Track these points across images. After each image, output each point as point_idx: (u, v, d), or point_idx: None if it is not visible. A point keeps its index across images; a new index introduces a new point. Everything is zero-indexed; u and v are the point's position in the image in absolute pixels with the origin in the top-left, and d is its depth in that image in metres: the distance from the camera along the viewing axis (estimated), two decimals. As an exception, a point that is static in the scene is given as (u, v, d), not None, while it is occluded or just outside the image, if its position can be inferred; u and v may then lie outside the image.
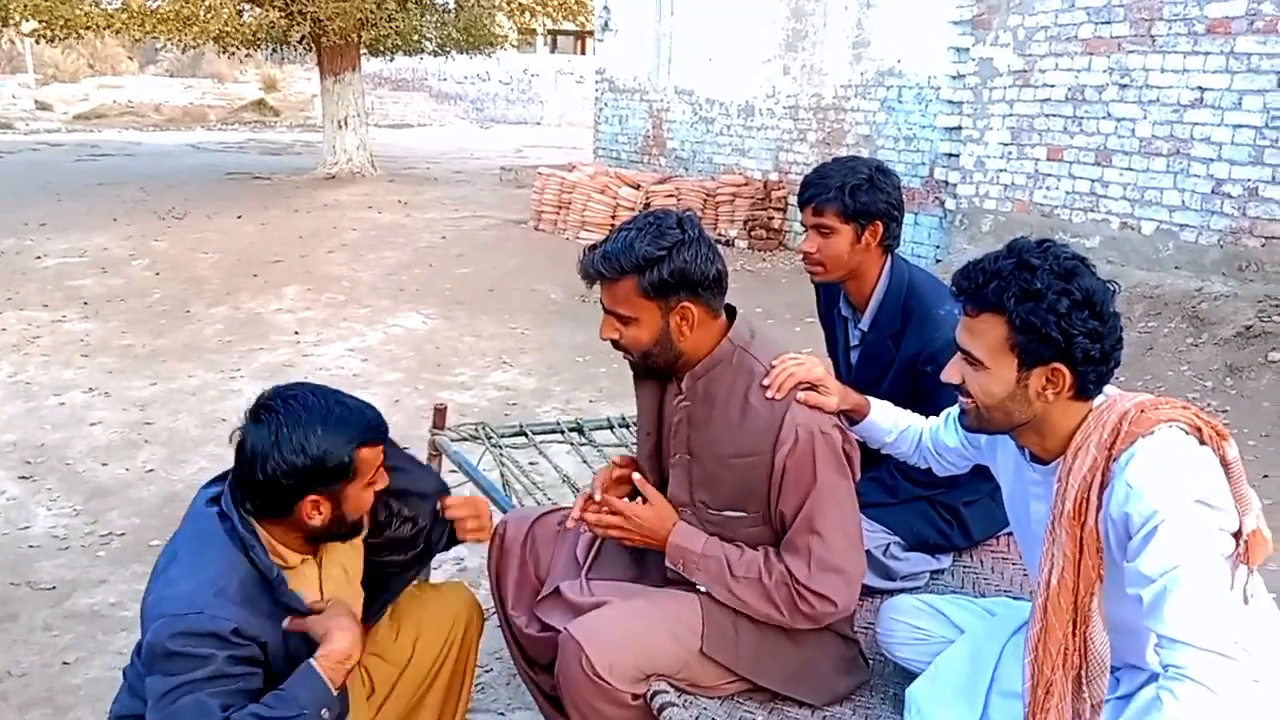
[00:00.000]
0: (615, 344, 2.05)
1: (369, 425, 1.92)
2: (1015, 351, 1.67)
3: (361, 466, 1.90)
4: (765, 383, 1.99)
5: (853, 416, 2.18)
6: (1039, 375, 1.67)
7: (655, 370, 2.10)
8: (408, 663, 2.30)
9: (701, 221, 2.07)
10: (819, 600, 1.97)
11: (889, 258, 2.58)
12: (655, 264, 1.93)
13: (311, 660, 1.86)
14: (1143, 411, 1.66)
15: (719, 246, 2.05)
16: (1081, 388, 1.68)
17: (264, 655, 1.87)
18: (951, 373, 1.77)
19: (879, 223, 2.51)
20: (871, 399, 2.23)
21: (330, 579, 2.04)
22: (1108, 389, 1.73)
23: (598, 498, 2.13)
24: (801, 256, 2.62)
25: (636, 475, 2.14)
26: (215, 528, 1.90)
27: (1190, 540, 1.55)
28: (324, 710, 1.84)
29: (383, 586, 2.23)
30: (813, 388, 2.01)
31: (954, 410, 2.14)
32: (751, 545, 2.05)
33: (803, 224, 2.58)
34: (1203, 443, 1.64)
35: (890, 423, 2.21)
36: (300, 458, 1.83)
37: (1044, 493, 1.78)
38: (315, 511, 1.89)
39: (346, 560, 2.09)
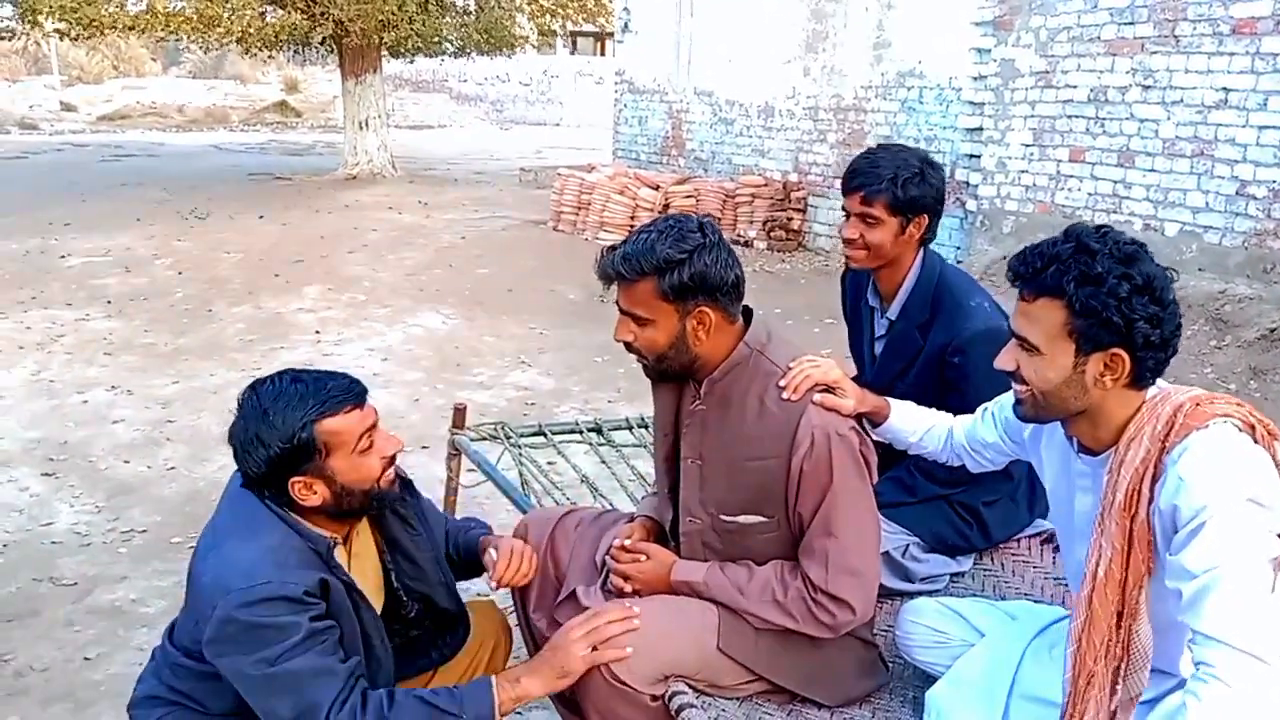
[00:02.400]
0: (629, 346, 2.04)
1: (327, 396, 1.85)
2: (1073, 337, 1.64)
3: (331, 438, 1.84)
4: (781, 384, 1.98)
5: (873, 419, 2.16)
6: (1097, 361, 1.64)
7: (670, 374, 2.09)
8: (430, 680, 2.28)
9: (720, 224, 2.07)
10: (837, 606, 1.96)
11: (922, 249, 2.57)
12: (676, 267, 1.92)
13: (494, 678, 1.90)
14: (1198, 405, 1.63)
15: (737, 248, 2.04)
16: (1139, 375, 1.65)
17: (331, 616, 1.86)
18: (1006, 360, 1.74)
19: (925, 216, 2.50)
20: (892, 401, 2.21)
21: (356, 569, 2.03)
22: (1160, 382, 1.70)
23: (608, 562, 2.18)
24: (841, 241, 2.59)
25: (628, 540, 2.18)
26: (258, 506, 1.89)
27: (1237, 539, 1.53)
28: None
29: (421, 653, 2.21)
30: (830, 390, 1.99)
31: (991, 406, 2.13)
32: (766, 553, 2.04)
33: (845, 209, 2.54)
34: (1256, 441, 1.61)
35: (913, 424, 2.20)
36: (262, 449, 1.82)
37: (1091, 485, 1.75)
38: (308, 492, 1.86)
39: (370, 556, 2.08)
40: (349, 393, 1.88)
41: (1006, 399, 2.07)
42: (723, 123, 12.06)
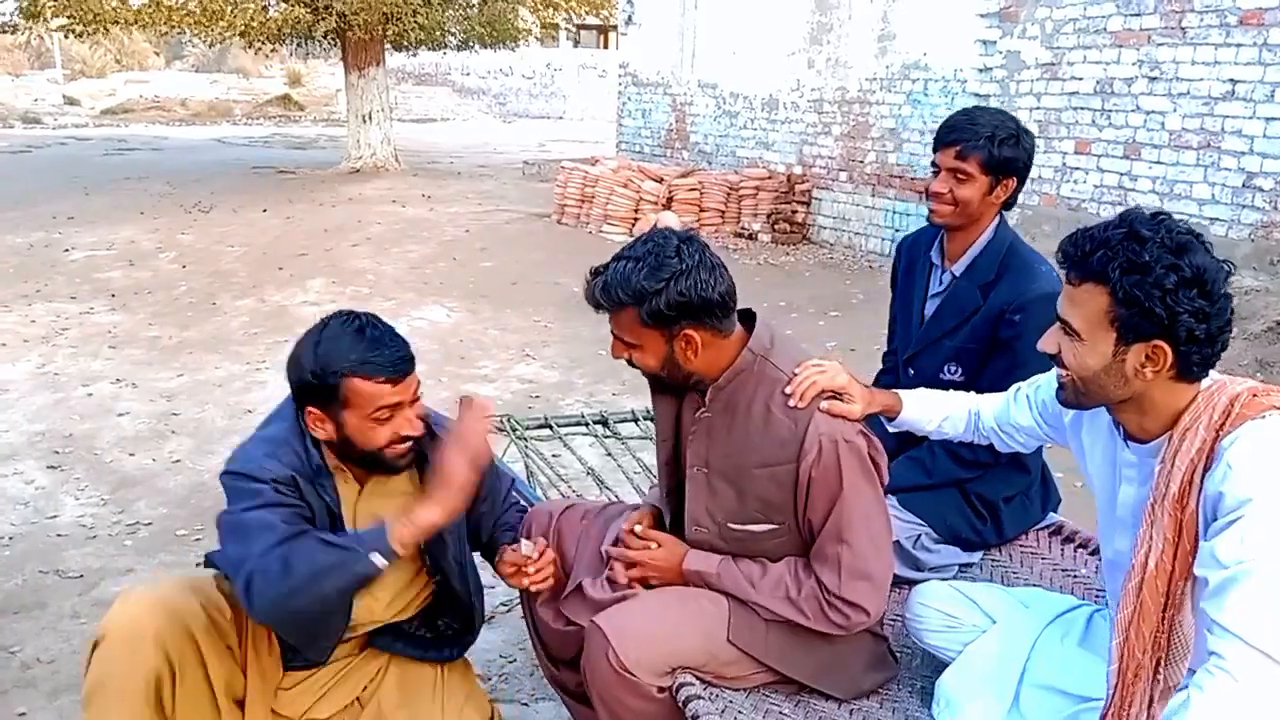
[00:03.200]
0: (629, 362, 2.05)
1: (369, 360, 1.93)
2: (1115, 325, 1.60)
3: (353, 397, 1.94)
4: (787, 391, 1.97)
5: (886, 415, 2.15)
6: (1138, 352, 1.60)
7: (672, 387, 2.09)
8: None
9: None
10: (851, 609, 1.95)
11: (999, 215, 2.57)
12: (653, 296, 1.89)
13: (389, 521, 1.96)
14: (1255, 396, 1.60)
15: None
16: (1184, 368, 1.60)
17: (305, 511, 2.00)
18: (1048, 342, 1.71)
19: (1013, 179, 2.50)
20: (903, 394, 2.19)
21: (368, 507, 2.10)
22: (1213, 373, 1.67)
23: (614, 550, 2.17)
24: (926, 195, 2.58)
25: (638, 526, 2.16)
26: (289, 409, 2.06)
27: (1275, 535, 1.50)
28: (376, 555, 1.92)
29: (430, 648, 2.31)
30: (836, 396, 1.98)
31: (1025, 387, 2.11)
32: (776, 556, 2.03)
33: (934, 163, 2.54)
34: None
35: (929, 413, 2.18)
36: (297, 370, 1.98)
37: (1137, 475, 1.73)
38: (318, 424, 1.99)
39: (394, 504, 2.10)
40: (391, 367, 1.96)
41: (1042, 380, 2.06)
42: (727, 115, 12.03)
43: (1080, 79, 7.64)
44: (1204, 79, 6.77)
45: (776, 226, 10.39)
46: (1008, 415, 2.11)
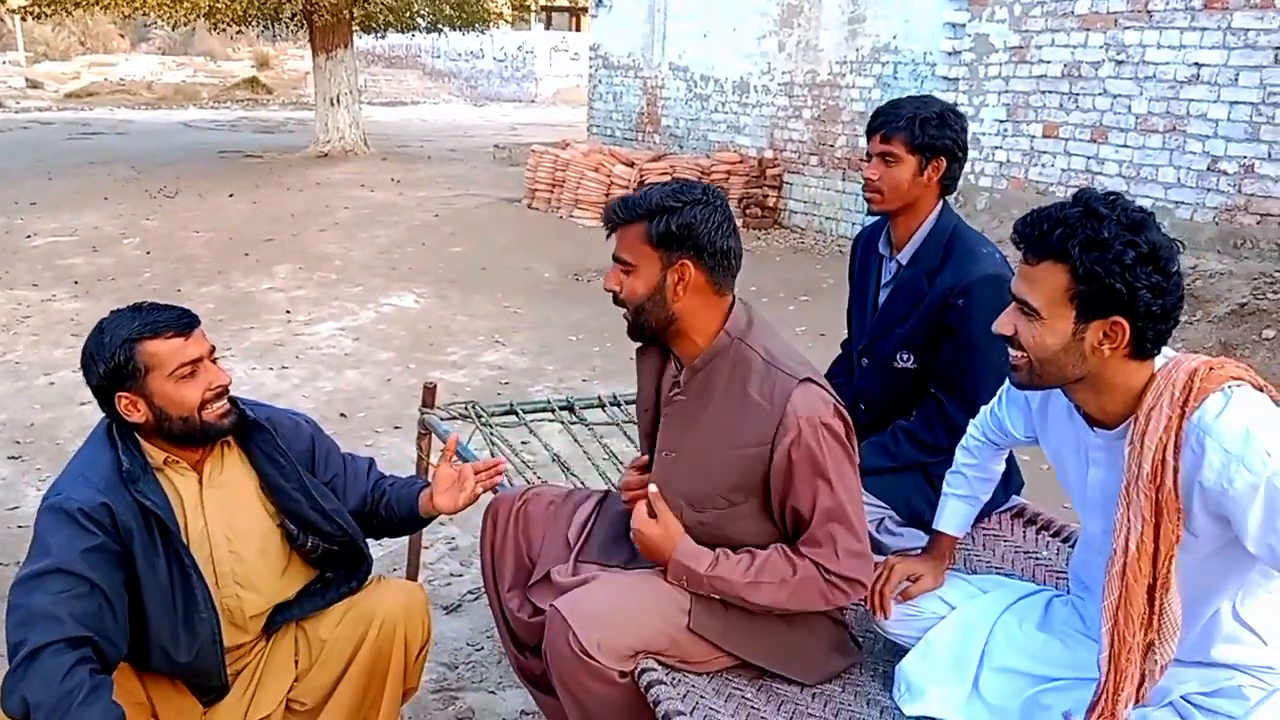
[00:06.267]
0: (615, 298, 2.05)
1: (152, 321, 1.99)
2: (1074, 302, 1.61)
3: (149, 360, 1.97)
4: (870, 613, 2.15)
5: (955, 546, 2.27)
6: (1096, 328, 1.62)
7: (647, 334, 2.07)
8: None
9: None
10: (849, 585, 1.97)
11: (941, 201, 2.59)
12: (666, 213, 1.96)
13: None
14: (1212, 369, 1.62)
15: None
16: (1139, 346, 1.62)
17: (120, 545, 1.94)
18: (1003, 324, 1.72)
19: (943, 159, 2.52)
20: (944, 521, 2.24)
21: (213, 498, 2.11)
22: (1166, 350, 1.68)
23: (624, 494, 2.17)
24: (863, 183, 2.63)
25: (652, 488, 2.07)
26: (99, 430, 2.07)
27: None
28: None
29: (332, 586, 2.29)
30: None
31: (992, 405, 2.14)
32: (744, 540, 2.02)
33: (867, 152, 2.59)
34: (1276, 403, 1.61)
35: (971, 507, 2.24)
36: (92, 363, 2.00)
37: (1105, 458, 1.74)
38: (133, 409, 2.00)
39: (239, 490, 2.15)
40: (175, 321, 2.02)
41: (1001, 390, 2.08)
42: (698, 99, 12.00)
43: (1048, 62, 7.68)
44: (1170, 63, 6.82)
45: (748, 211, 10.39)
46: (1003, 426, 2.11)
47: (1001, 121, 8.10)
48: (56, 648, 1.79)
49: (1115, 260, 1.57)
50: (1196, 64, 6.65)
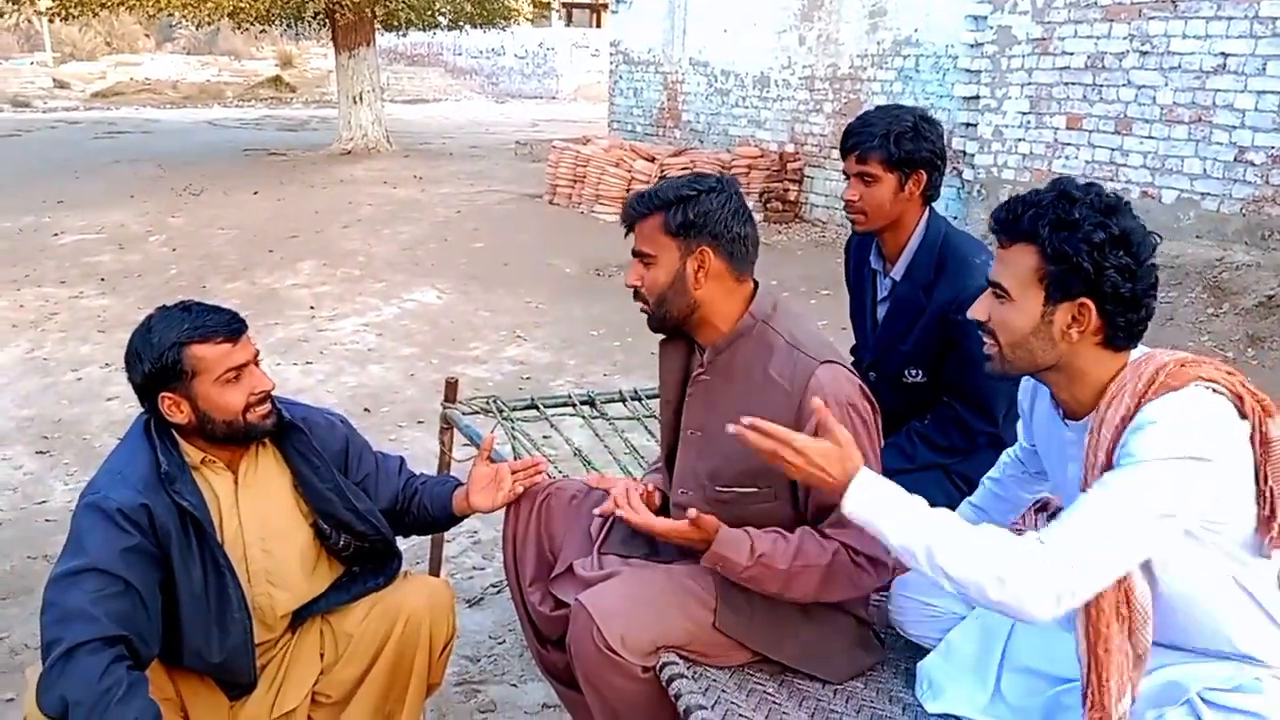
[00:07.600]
0: (636, 294, 2.06)
1: (202, 324, 1.99)
2: (1043, 282, 1.62)
3: (197, 364, 1.98)
4: None
5: None
6: (1065, 311, 1.62)
7: (669, 327, 2.07)
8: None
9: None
10: (875, 566, 1.96)
11: (927, 210, 2.56)
12: (683, 202, 1.98)
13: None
14: (1182, 366, 1.61)
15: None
16: (1110, 333, 1.63)
17: (157, 547, 1.95)
18: (979, 309, 1.73)
19: (922, 172, 2.48)
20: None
21: (248, 497, 2.12)
22: (1143, 346, 1.68)
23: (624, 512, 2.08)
24: (843, 205, 2.59)
25: (691, 511, 1.96)
26: (136, 426, 2.07)
27: (1145, 487, 1.51)
28: None
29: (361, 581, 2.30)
30: None
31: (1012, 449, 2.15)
32: (760, 524, 2.01)
33: (844, 172, 2.55)
34: (1243, 414, 1.58)
35: (957, 508, 2.19)
36: (138, 362, 2.00)
37: (1077, 452, 1.73)
38: (175, 410, 2.00)
39: (273, 489, 2.16)
40: (225, 326, 2.02)
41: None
42: (718, 94, 11.98)
43: (1071, 54, 7.61)
44: (1195, 53, 6.74)
45: (769, 205, 10.36)
46: (1020, 474, 2.13)
47: (1024, 114, 8.04)
48: (93, 646, 1.81)
49: (1084, 240, 1.58)
50: (1223, 53, 6.57)
